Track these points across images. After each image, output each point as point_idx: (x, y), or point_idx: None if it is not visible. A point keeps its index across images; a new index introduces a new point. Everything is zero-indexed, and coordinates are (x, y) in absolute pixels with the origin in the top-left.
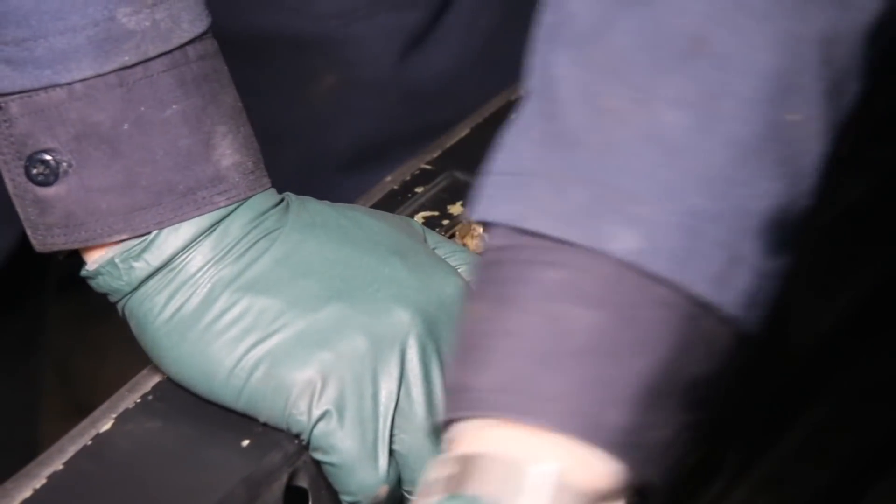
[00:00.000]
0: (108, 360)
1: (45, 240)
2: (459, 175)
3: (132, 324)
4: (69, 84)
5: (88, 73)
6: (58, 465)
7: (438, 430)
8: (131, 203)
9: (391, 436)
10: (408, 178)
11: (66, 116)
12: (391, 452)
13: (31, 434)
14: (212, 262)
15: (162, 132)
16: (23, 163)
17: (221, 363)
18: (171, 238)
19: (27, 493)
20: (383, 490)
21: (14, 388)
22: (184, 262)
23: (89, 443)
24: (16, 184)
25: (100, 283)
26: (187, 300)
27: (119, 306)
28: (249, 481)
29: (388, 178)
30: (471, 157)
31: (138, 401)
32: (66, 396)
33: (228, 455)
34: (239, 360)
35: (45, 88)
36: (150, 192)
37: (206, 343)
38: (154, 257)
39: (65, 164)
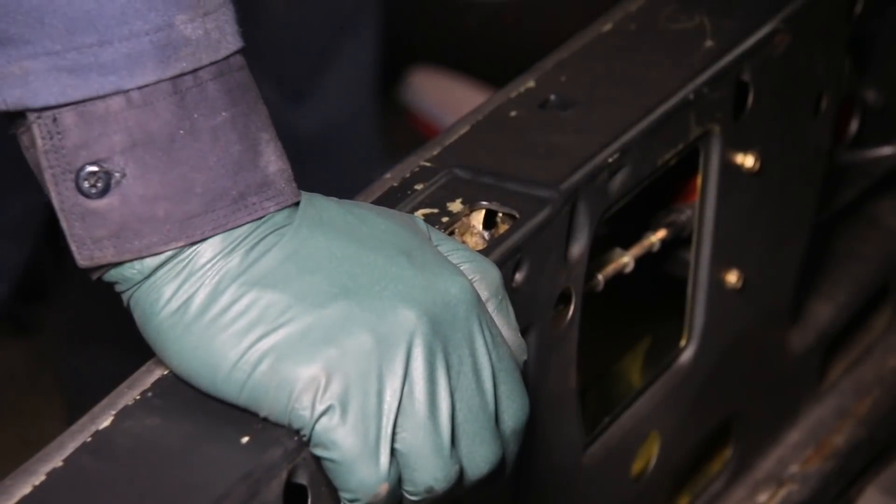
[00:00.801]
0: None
1: (92, 255)
2: (459, 172)
3: (136, 314)
4: (126, 92)
5: (151, 78)
6: (57, 462)
7: None
8: (187, 210)
9: (393, 434)
10: (407, 175)
11: (123, 125)
12: (393, 451)
13: None
14: (221, 255)
15: (213, 139)
16: (73, 175)
17: (226, 356)
18: (184, 264)
19: (26, 489)
20: (383, 488)
21: None
22: (193, 254)
23: (89, 439)
24: (63, 198)
25: (110, 273)
26: (195, 292)
27: (125, 297)
28: (249, 478)
29: (388, 175)
30: (470, 154)
31: (138, 397)
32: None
33: (228, 452)
34: (243, 354)
35: (103, 97)
36: (204, 198)
37: (211, 336)
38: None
39: (117, 174)
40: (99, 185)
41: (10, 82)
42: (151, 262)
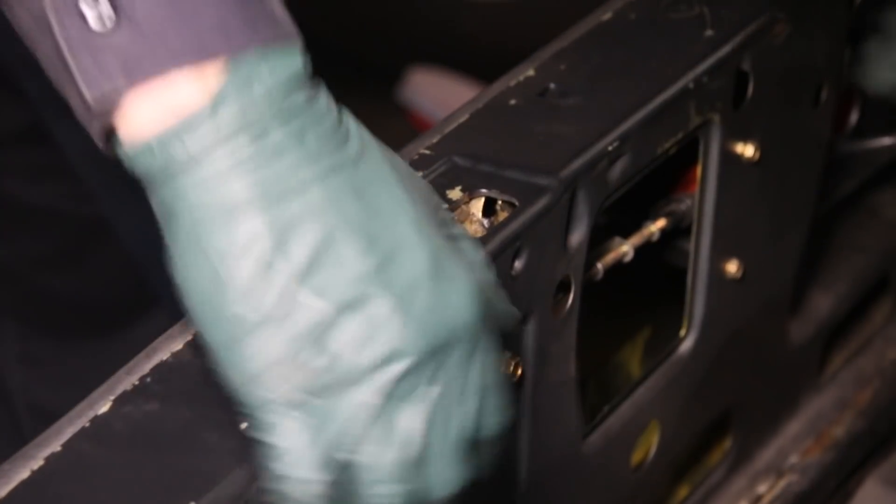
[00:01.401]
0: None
1: (102, 88)
2: (458, 160)
3: (160, 213)
4: None
5: None
6: (55, 447)
7: None
8: (198, 31)
9: (356, 445)
10: (407, 162)
11: None
12: (352, 462)
13: None
14: (252, 168)
15: None
16: (76, 7)
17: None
18: (209, 125)
19: (24, 474)
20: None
21: None
22: (218, 158)
23: (87, 425)
24: (69, 32)
25: (138, 166)
26: (220, 198)
27: (154, 196)
28: (248, 464)
29: None
30: (470, 142)
31: (136, 383)
32: None
33: (227, 438)
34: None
35: None
36: (214, 21)
37: (226, 256)
38: (193, 141)
39: None
40: (106, 13)
41: None
42: (179, 155)
